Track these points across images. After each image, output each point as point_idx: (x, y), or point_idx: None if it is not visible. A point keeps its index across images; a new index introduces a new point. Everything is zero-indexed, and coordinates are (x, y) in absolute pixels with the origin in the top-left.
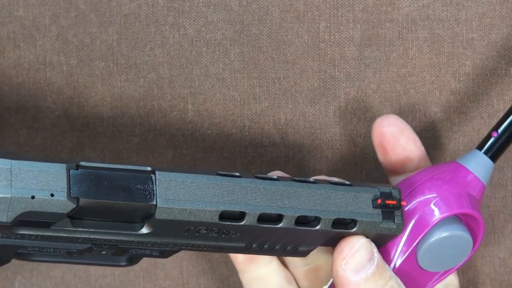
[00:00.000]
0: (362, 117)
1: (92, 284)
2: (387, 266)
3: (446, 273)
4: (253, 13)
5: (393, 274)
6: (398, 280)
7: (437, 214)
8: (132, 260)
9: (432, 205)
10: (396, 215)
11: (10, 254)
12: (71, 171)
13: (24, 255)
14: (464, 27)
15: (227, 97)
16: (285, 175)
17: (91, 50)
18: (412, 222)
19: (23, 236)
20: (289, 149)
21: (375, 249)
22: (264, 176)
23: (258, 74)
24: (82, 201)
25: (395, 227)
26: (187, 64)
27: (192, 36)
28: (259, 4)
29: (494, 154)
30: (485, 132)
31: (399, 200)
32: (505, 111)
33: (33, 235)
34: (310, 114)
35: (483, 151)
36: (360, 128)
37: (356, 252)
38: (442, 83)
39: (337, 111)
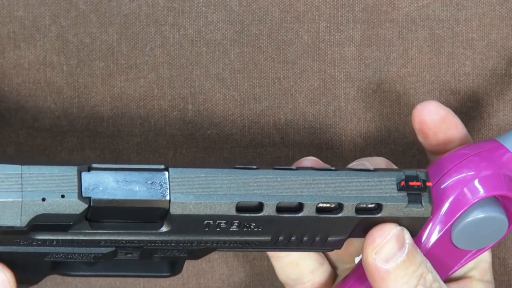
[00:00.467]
0: (362, 117)
1: (92, 284)
2: (418, 251)
3: (479, 251)
4: (253, 13)
5: (424, 258)
6: (428, 263)
7: (475, 195)
8: (175, 269)
9: (470, 185)
10: (423, 196)
11: (43, 266)
12: (82, 172)
13: (61, 268)
14: (464, 27)
15: (227, 97)
16: (319, 161)
17: (91, 50)
18: (449, 200)
19: (44, 242)
20: (289, 149)
21: (407, 235)
22: (282, 167)
23: (258, 74)
24: (94, 200)
25: (423, 209)
26: (187, 64)
27: (192, 36)
28: (259, 4)
29: None
30: (485, 132)
31: (425, 182)
32: (505, 111)
33: (53, 240)
34: (310, 114)
35: None
36: (360, 128)
37: (387, 242)
38: (442, 83)
39: (337, 111)
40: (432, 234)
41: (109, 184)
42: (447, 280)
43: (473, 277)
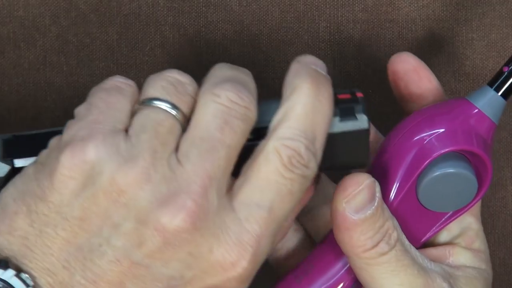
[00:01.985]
0: None
1: None
2: (385, 206)
3: (453, 215)
4: (253, 13)
5: (390, 215)
6: (395, 221)
7: (441, 146)
8: None
9: (437, 137)
10: (356, 108)
11: None
12: (4, 139)
13: None
14: (463, 27)
15: None
16: None
17: (91, 50)
18: (414, 151)
19: None
20: None
21: (377, 188)
22: None
23: (258, 74)
24: (17, 161)
25: (358, 121)
26: (187, 64)
27: (192, 36)
28: (259, 4)
29: (506, 91)
30: None
31: (354, 93)
32: (504, 112)
33: None
34: None
35: (494, 87)
36: None
37: (359, 192)
38: (442, 83)
39: None
40: (398, 190)
41: (30, 146)
42: (426, 245)
43: (458, 244)
